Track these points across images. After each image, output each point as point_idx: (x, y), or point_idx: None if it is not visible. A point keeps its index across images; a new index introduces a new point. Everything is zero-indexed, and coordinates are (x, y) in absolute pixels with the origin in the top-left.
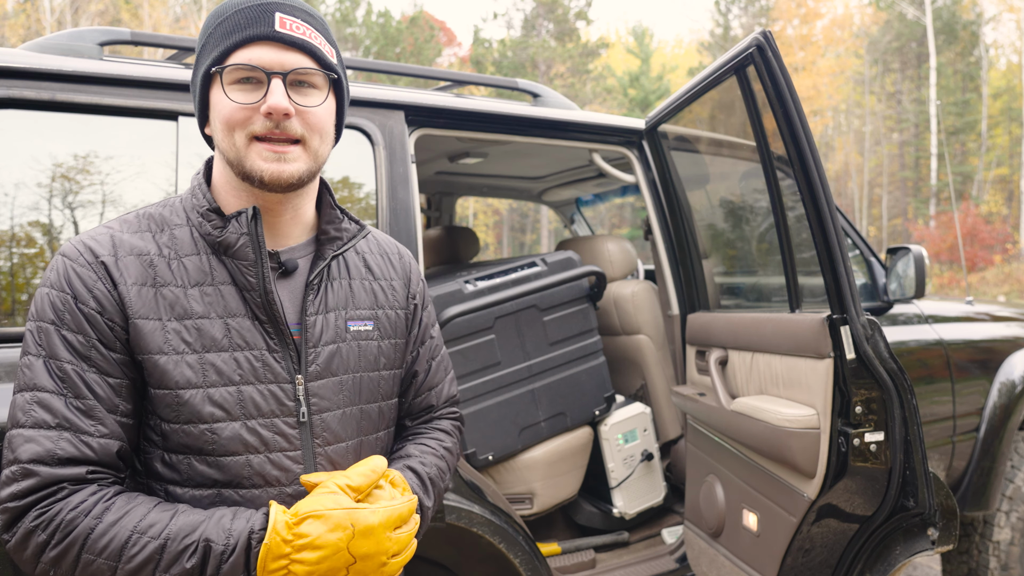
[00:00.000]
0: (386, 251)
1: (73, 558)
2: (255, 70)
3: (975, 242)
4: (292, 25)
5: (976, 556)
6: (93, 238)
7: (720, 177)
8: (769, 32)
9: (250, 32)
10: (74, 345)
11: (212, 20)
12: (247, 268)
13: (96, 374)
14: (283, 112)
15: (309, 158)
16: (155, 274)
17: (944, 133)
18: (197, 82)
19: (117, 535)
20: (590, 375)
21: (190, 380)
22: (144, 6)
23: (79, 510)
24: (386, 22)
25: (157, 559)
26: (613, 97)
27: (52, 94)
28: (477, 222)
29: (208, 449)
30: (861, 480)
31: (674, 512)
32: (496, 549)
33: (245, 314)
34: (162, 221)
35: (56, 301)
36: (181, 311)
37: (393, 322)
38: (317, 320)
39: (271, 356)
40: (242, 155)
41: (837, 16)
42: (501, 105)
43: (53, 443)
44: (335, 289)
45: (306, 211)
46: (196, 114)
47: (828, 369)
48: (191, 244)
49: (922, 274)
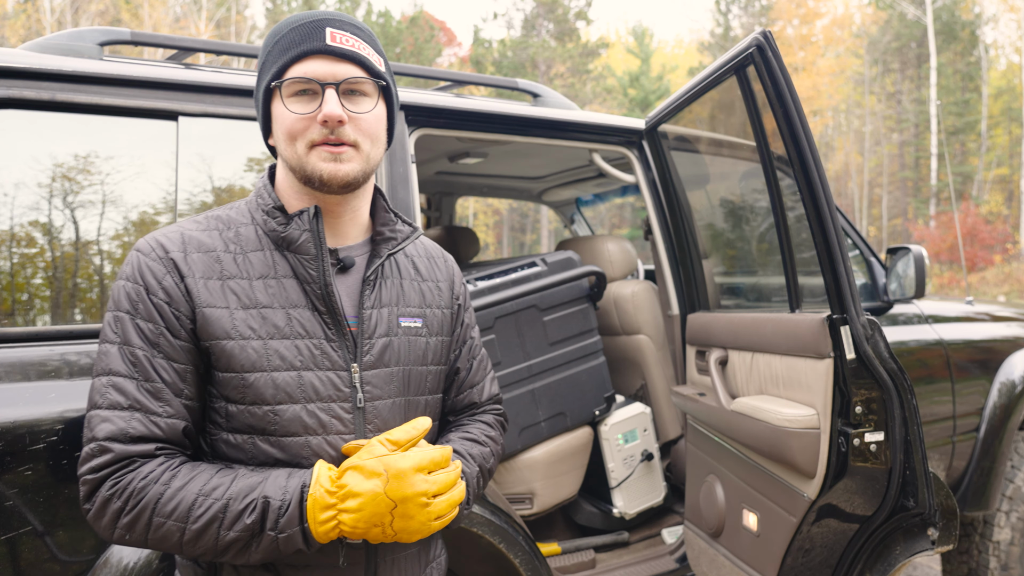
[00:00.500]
0: (432, 255)
1: (145, 521)
2: (310, 82)
3: (975, 242)
4: (342, 38)
5: (976, 556)
6: (165, 235)
7: (720, 177)
8: (769, 32)
9: (304, 47)
10: (145, 333)
11: (270, 40)
12: (308, 262)
13: (164, 359)
14: (337, 119)
15: (362, 160)
16: (221, 268)
17: (944, 133)
18: (259, 98)
19: (184, 499)
20: (590, 375)
21: (255, 364)
22: (144, 6)
23: (149, 478)
24: (386, 22)
25: (221, 518)
26: (613, 97)
27: (52, 94)
28: (477, 222)
29: (271, 430)
30: (861, 480)
31: (674, 512)
32: (496, 549)
33: (305, 305)
34: (228, 220)
35: (131, 292)
36: (247, 301)
37: (440, 320)
38: (372, 314)
39: (329, 345)
40: (303, 160)
41: (837, 16)
42: (501, 105)
43: (125, 423)
44: (388, 287)
45: (363, 213)
46: (260, 127)
47: (828, 369)
48: (255, 241)
49: (922, 274)
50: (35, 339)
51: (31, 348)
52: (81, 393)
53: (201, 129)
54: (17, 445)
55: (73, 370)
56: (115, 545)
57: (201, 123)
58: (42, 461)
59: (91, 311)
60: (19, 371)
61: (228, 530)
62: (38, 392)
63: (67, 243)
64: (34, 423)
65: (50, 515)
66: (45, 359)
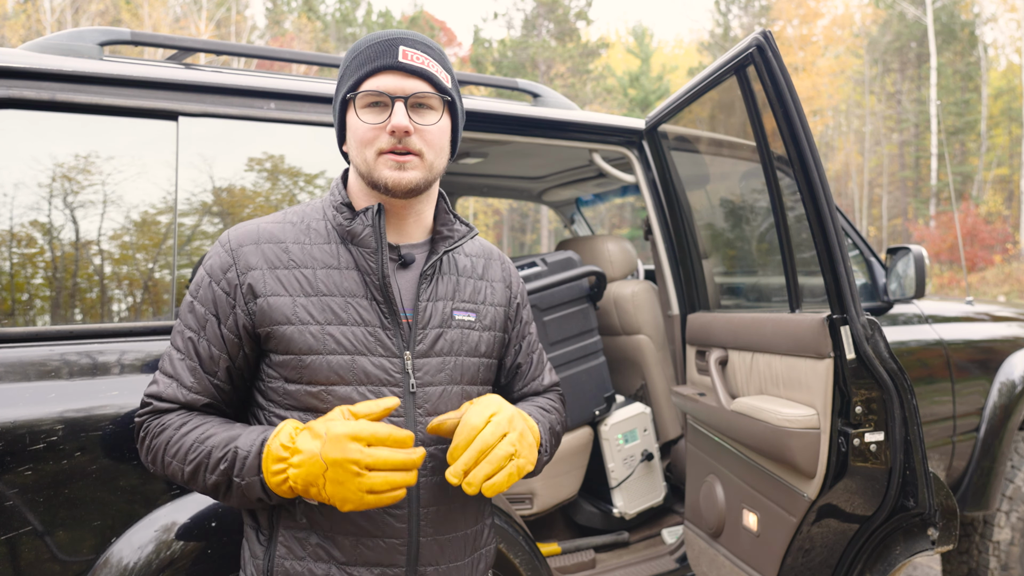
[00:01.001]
0: (490, 256)
1: (160, 458)
2: (381, 95)
3: (975, 242)
4: (413, 56)
5: (976, 556)
6: (243, 227)
7: (720, 177)
8: (769, 32)
9: (378, 63)
10: (197, 316)
11: (349, 55)
12: (369, 255)
13: (206, 341)
14: (404, 130)
15: (425, 169)
16: (289, 257)
17: (944, 133)
18: (336, 108)
19: (184, 444)
20: (590, 375)
21: (312, 347)
22: (144, 6)
23: (167, 423)
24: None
25: (205, 463)
26: (613, 97)
27: (52, 94)
28: (477, 222)
29: (323, 408)
30: (861, 480)
31: (674, 512)
32: (496, 549)
33: (364, 295)
34: (303, 215)
35: (199, 278)
36: (310, 289)
37: (493, 317)
38: (427, 306)
39: (384, 333)
40: (371, 167)
41: (837, 16)
42: (501, 105)
43: (164, 388)
44: (445, 282)
45: (426, 216)
46: (336, 134)
47: (828, 369)
48: (324, 235)
49: (922, 274)
50: (35, 339)
51: (31, 348)
52: (81, 393)
53: (201, 129)
54: (17, 445)
55: (73, 370)
56: (115, 545)
57: (201, 123)
58: (42, 461)
59: (91, 311)
60: (19, 371)
61: (211, 474)
62: (38, 392)
63: (67, 243)
64: (34, 423)
65: (50, 515)
66: (45, 359)
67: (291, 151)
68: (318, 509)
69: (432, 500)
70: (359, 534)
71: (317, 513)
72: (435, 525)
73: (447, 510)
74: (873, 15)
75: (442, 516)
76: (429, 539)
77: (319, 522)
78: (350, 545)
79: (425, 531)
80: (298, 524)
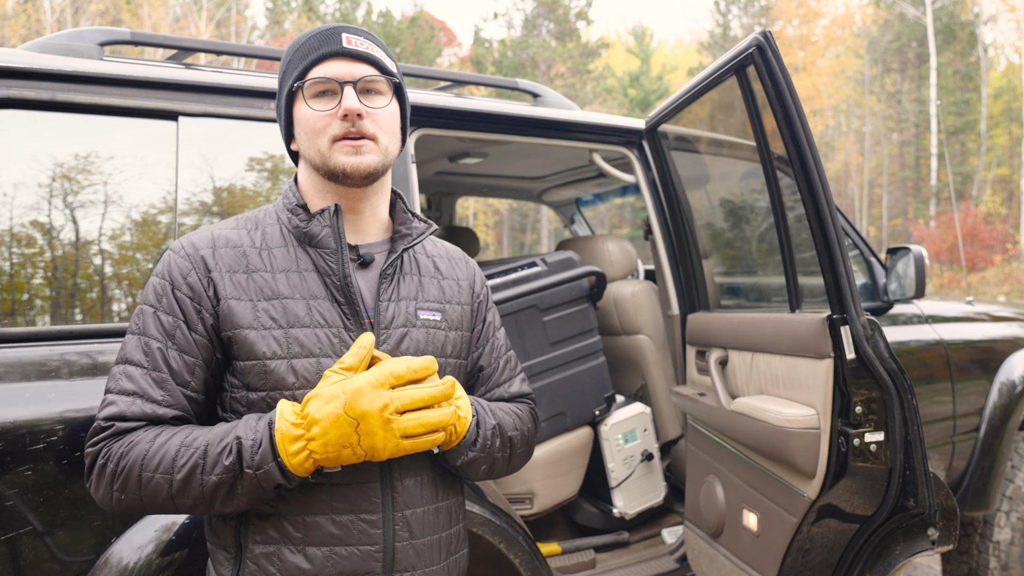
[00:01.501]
0: (453, 256)
1: (136, 479)
2: (330, 82)
3: (975, 242)
4: (356, 41)
5: (976, 556)
6: (197, 235)
7: (720, 177)
8: (769, 32)
9: (323, 51)
10: (164, 325)
11: (290, 49)
12: (328, 256)
13: (176, 351)
14: (356, 112)
15: (381, 153)
16: (247, 262)
17: (944, 133)
18: (282, 103)
19: (167, 451)
20: (590, 375)
21: (276, 352)
22: (144, 6)
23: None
24: (386, 22)
25: (201, 463)
26: (613, 97)
27: (52, 94)
28: (477, 222)
29: None
30: (861, 480)
31: (674, 512)
32: (496, 549)
33: (326, 296)
34: (256, 221)
35: (157, 287)
36: (270, 292)
37: (459, 315)
38: (390, 306)
39: (347, 334)
40: (326, 155)
41: (837, 16)
42: (501, 105)
43: (127, 406)
44: (407, 282)
45: (382, 211)
46: (282, 134)
47: (828, 369)
48: (280, 238)
49: (922, 274)
50: (35, 339)
51: (31, 348)
52: (81, 393)
53: (201, 129)
54: (17, 445)
55: (73, 370)
56: (115, 545)
57: (201, 123)
58: (42, 461)
59: (91, 311)
60: (19, 371)
61: (210, 474)
62: (38, 392)
63: (67, 243)
64: (34, 423)
65: (50, 515)
66: (45, 359)
67: None
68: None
69: (406, 503)
70: (332, 543)
71: (288, 525)
72: (410, 529)
73: (422, 513)
74: (873, 15)
75: (417, 519)
76: (405, 543)
77: (290, 534)
78: (323, 556)
79: (400, 535)
80: (267, 539)
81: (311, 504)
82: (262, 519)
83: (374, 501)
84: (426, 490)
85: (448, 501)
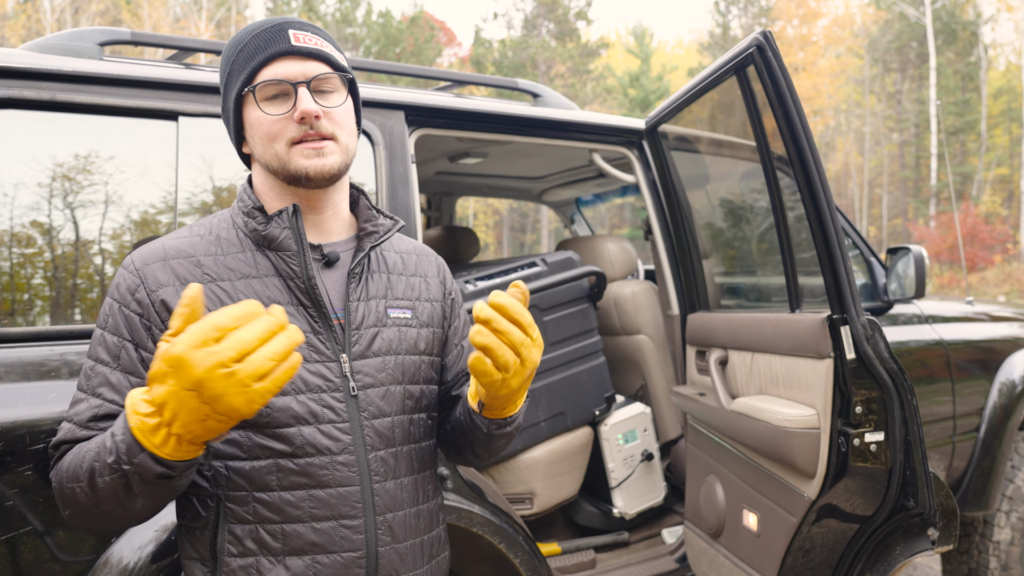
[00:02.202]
0: (421, 252)
1: (67, 492)
2: (282, 83)
3: (975, 242)
4: (305, 38)
5: (976, 556)
6: (147, 248)
7: (720, 177)
8: (769, 32)
9: (271, 51)
10: (109, 346)
11: (232, 49)
12: (290, 258)
13: (120, 373)
14: (313, 115)
15: (342, 152)
16: (203, 271)
17: (944, 133)
18: (230, 107)
19: (74, 461)
20: (590, 375)
21: None
22: (144, 6)
23: (67, 454)
24: (386, 22)
25: (97, 465)
26: (613, 97)
27: (52, 94)
28: (477, 222)
29: (263, 423)
30: (861, 480)
31: (674, 512)
32: (496, 549)
33: (290, 301)
34: (209, 227)
35: (106, 307)
36: (230, 301)
37: (430, 313)
38: (359, 306)
39: (316, 338)
40: (285, 160)
41: (837, 16)
42: (501, 105)
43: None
44: (375, 280)
45: (343, 208)
46: (232, 137)
47: (828, 369)
48: (238, 243)
49: (922, 274)
50: (35, 339)
51: (31, 348)
52: None
53: (201, 129)
54: (17, 445)
55: (73, 370)
56: (115, 545)
57: (201, 123)
58: (42, 461)
59: (91, 311)
60: (19, 371)
61: (104, 475)
62: (38, 392)
63: (67, 243)
64: (34, 423)
65: (50, 515)
66: (45, 359)
67: None
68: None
69: (388, 507)
70: (314, 552)
71: (266, 535)
72: (393, 533)
73: (403, 516)
74: (873, 15)
75: (399, 523)
76: (388, 548)
77: (268, 544)
78: (304, 566)
79: (383, 540)
80: (245, 550)
81: (290, 512)
82: (239, 528)
83: (355, 506)
84: (407, 493)
85: (429, 503)
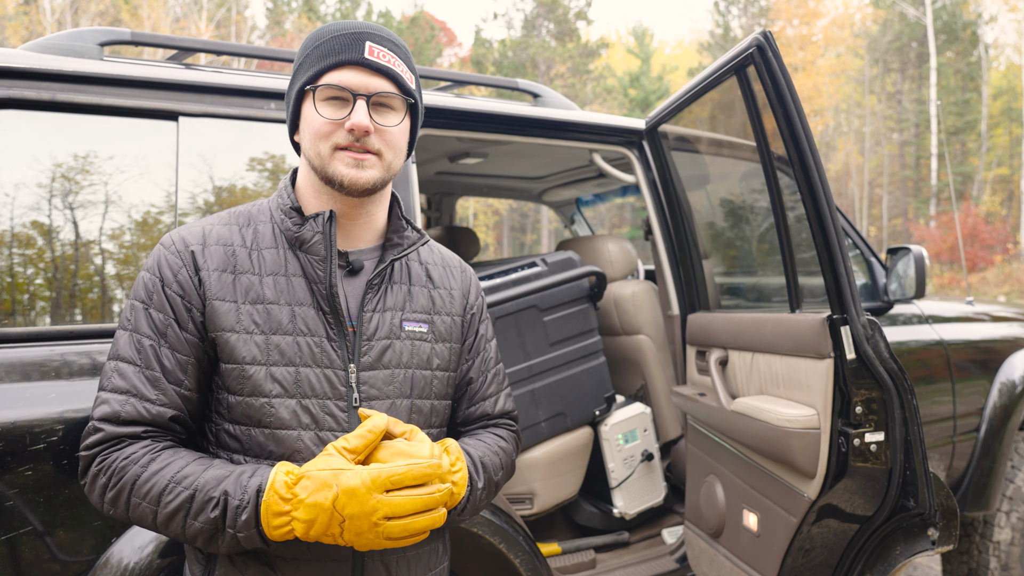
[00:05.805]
0: (449, 264)
1: (125, 499)
2: (343, 91)
3: (975, 242)
4: (379, 53)
5: (976, 556)
6: (188, 230)
7: (720, 177)
8: (769, 32)
9: (342, 57)
10: (156, 322)
11: (310, 42)
12: (317, 263)
13: (168, 349)
14: (364, 129)
15: (383, 169)
16: (235, 262)
17: (944, 133)
18: (292, 96)
19: (157, 483)
20: (590, 375)
21: (255, 357)
22: (144, 6)
23: (130, 459)
24: (387, 22)
25: (188, 507)
26: (613, 97)
27: (52, 94)
28: (477, 222)
29: (266, 421)
30: (861, 480)
31: (674, 512)
32: (496, 549)
33: (311, 304)
34: (249, 217)
35: (148, 284)
36: (255, 296)
37: (448, 327)
38: (374, 317)
39: (329, 344)
40: (326, 162)
41: (837, 16)
42: (501, 105)
43: (120, 406)
44: (394, 291)
45: (378, 218)
46: (288, 122)
47: (828, 369)
48: (271, 239)
49: (922, 274)
50: (35, 339)
51: (31, 348)
52: (81, 393)
53: (201, 129)
54: (17, 445)
55: (73, 370)
56: (115, 545)
57: (201, 123)
58: (42, 461)
59: (91, 311)
60: (19, 371)
61: (195, 519)
62: (38, 392)
63: (67, 243)
64: (34, 423)
65: (50, 515)
66: (45, 359)
67: (291, 151)
68: None
69: None
70: (300, 559)
71: None
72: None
73: None
74: (873, 15)
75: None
76: (375, 561)
77: None
78: (292, 569)
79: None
80: None
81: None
82: None
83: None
84: None
85: None
